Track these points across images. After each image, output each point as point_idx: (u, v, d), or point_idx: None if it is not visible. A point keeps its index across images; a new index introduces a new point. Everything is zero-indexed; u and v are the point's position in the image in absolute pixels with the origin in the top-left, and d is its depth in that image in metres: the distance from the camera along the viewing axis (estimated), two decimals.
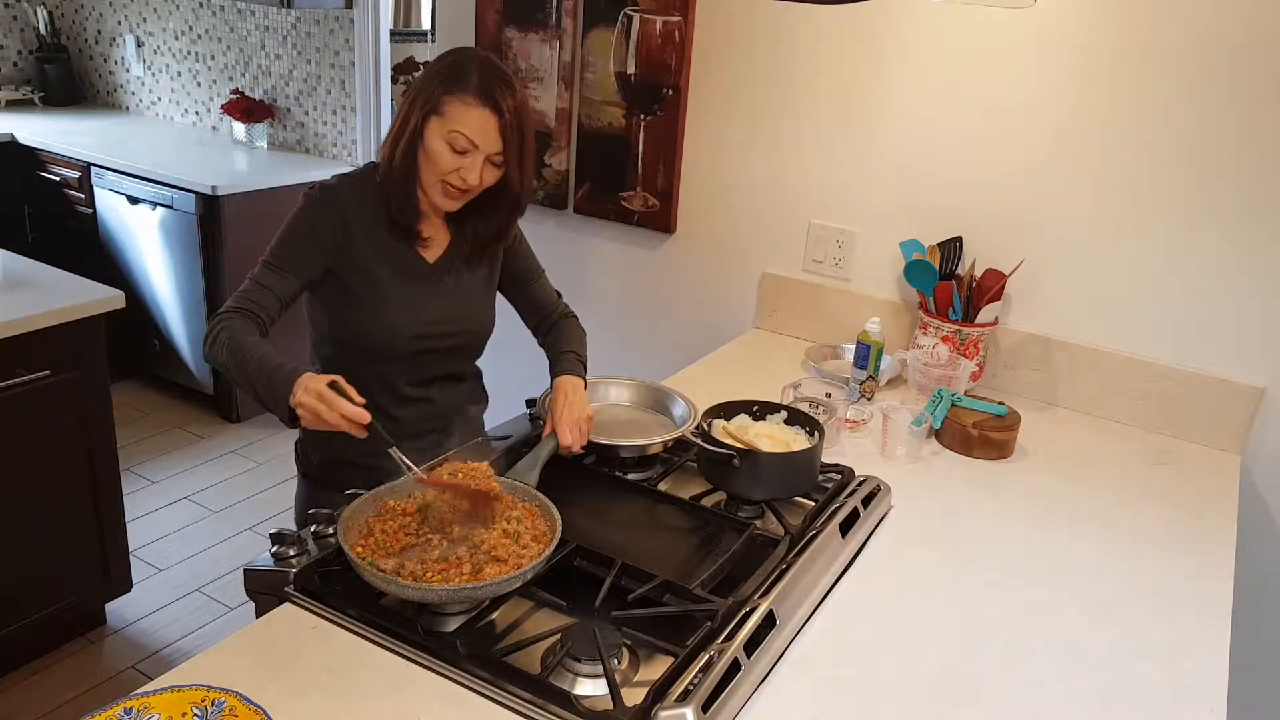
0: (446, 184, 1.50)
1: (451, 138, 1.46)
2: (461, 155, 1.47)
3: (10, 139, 3.90)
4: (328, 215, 1.52)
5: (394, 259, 1.56)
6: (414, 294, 1.57)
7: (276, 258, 1.51)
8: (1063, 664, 1.25)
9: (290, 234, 1.52)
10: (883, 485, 1.59)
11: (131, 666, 2.51)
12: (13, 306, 2.18)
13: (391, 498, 1.30)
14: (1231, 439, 1.94)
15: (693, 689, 1.04)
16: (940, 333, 2.04)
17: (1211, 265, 1.91)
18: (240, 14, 4.02)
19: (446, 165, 1.48)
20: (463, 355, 1.69)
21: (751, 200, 2.37)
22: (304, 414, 1.31)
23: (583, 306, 1.77)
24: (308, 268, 1.51)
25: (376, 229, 1.54)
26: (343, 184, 1.55)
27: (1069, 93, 1.94)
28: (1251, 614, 1.98)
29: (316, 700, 1.05)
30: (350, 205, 1.53)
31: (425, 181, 1.51)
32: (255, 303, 1.46)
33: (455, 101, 1.46)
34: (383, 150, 1.54)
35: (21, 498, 2.27)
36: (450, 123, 1.46)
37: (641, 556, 1.29)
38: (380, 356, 1.58)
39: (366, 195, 1.55)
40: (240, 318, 1.44)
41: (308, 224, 1.52)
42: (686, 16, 2.29)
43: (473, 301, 1.65)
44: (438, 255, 1.61)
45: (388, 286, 1.55)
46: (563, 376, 1.63)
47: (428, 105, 1.47)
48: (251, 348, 1.39)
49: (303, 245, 1.51)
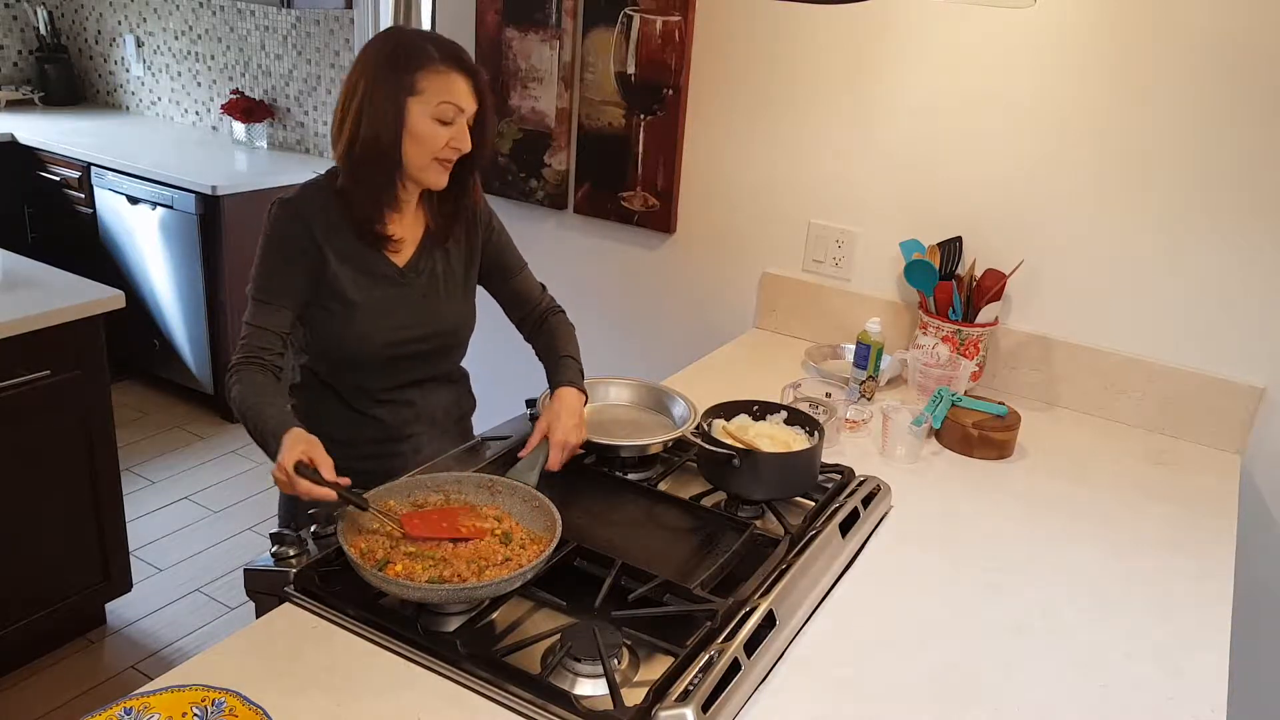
0: (439, 160, 1.48)
1: (440, 110, 1.43)
2: (449, 126, 1.45)
3: (10, 139, 3.90)
4: (296, 231, 1.48)
5: (363, 267, 1.52)
6: (385, 302, 1.54)
7: (262, 291, 1.48)
8: (1063, 664, 1.25)
9: (267, 261, 1.49)
10: (883, 485, 1.59)
11: (131, 666, 2.51)
12: (13, 306, 2.18)
13: (390, 497, 1.30)
14: (1231, 439, 1.94)
15: (693, 689, 1.04)
16: (940, 333, 2.04)
17: (1211, 265, 1.91)
18: (240, 14, 4.02)
19: (439, 141, 1.45)
20: (442, 357, 1.66)
21: (751, 200, 2.37)
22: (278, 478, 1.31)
23: (583, 306, 1.77)
24: (295, 291, 1.49)
25: (343, 235, 1.51)
26: (305, 194, 1.51)
27: (1069, 93, 1.94)
28: (1251, 614, 1.98)
29: (316, 700, 1.05)
30: (315, 214, 1.49)
31: (417, 168, 1.48)
32: (260, 348, 1.46)
33: (430, 75, 1.43)
34: (342, 157, 1.48)
35: (21, 498, 2.27)
36: (435, 96, 1.43)
37: (641, 556, 1.29)
38: (356, 365, 1.56)
39: (330, 202, 1.50)
40: (249, 370, 1.44)
41: (279, 248, 1.49)
42: (686, 16, 2.29)
43: (449, 300, 1.62)
44: (409, 256, 1.58)
45: (357, 297, 1.52)
46: (563, 388, 1.59)
47: (398, 91, 1.42)
48: (253, 409, 1.39)
49: (282, 272, 1.48)
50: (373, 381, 1.59)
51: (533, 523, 1.30)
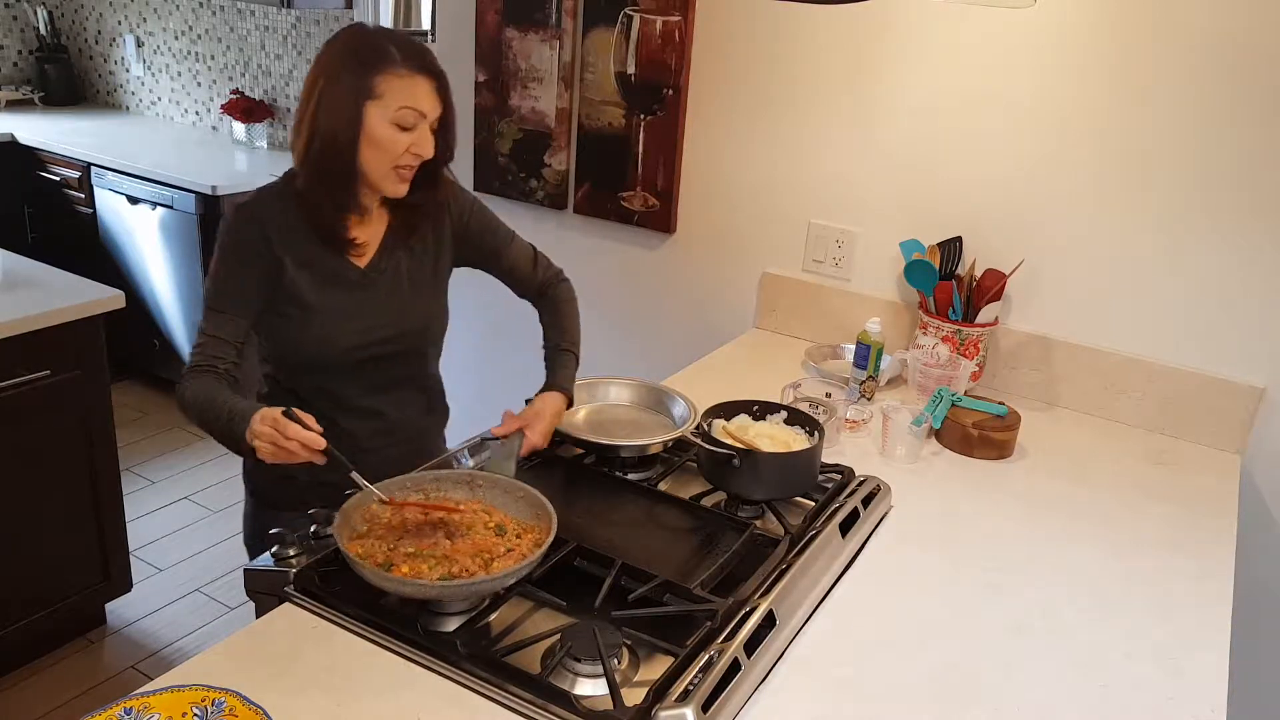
0: (400, 167, 1.42)
1: (400, 116, 1.38)
2: (410, 131, 1.40)
3: (10, 139, 3.90)
4: (250, 237, 1.44)
5: (323, 271, 1.48)
6: (345, 303, 1.50)
7: (216, 300, 1.44)
8: (1063, 664, 1.25)
9: (221, 269, 1.45)
10: (883, 485, 1.59)
11: (131, 666, 2.51)
12: (13, 306, 2.18)
13: (387, 493, 1.29)
14: (1231, 439, 1.94)
15: (693, 689, 1.04)
16: (940, 333, 2.04)
17: (1211, 265, 1.91)
18: (240, 14, 4.02)
19: (399, 148, 1.40)
20: (412, 359, 1.61)
21: (751, 200, 2.37)
22: (261, 446, 1.28)
23: (583, 307, 1.76)
24: (250, 300, 1.45)
25: (301, 240, 1.46)
26: (260, 199, 1.47)
27: (1069, 93, 1.94)
28: (1251, 614, 1.98)
29: (316, 700, 1.05)
30: (271, 220, 1.45)
31: (376, 174, 1.42)
32: (213, 357, 1.42)
33: (390, 78, 1.37)
34: (300, 159, 1.43)
35: (21, 498, 2.27)
36: (395, 101, 1.37)
37: (641, 556, 1.29)
38: (319, 370, 1.51)
39: (289, 207, 1.46)
40: (203, 375, 1.40)
41: (234, 254, 1.45)
42: (686, 16, 2.29)
43: (416, 298, 1.57)
44: (370, 256, 1.52)
45: (315, 301, 1.47)
46: (552, 392, 1.59)
47: (357, 94, 1.37)
48: (209, 401, 1.36)
49: (236, 279, 1.44)
50: (341, 388, 1.54)
51: (520, 512, 1.30)
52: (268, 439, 1.27)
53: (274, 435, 1.26)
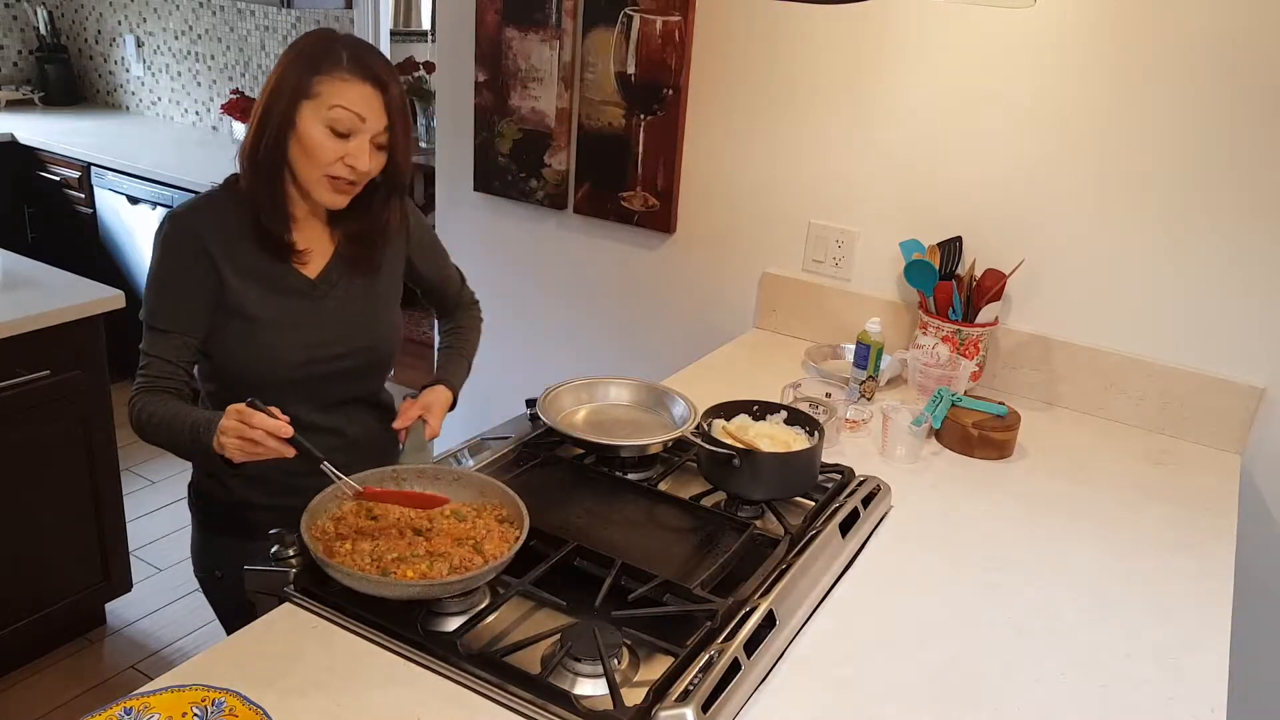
0: (333, 177, 1.35)
1: (332, 117, 1.32)
2: (345, 139, 1.33)
3: (10, 139, 3.90)
4: (186, 249, 1.37)
5: (267, 279, 1.41)
6: (294, 315, 1.43)
7: (155, 318, 1.38)
8: (1063, 664, 1.25)
9: (158, 286, 1.39)
10: (883, 485, 1.59)
11: (131, 666, 2.51)
12: (13, 306, 2.18)
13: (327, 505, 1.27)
14: (1231, 439, 1.94)
15: (693, 689, 1.04)
16: (940, 333, 2.04)
17: (1211, 265, 1.91)
18: (240, 14, 4.02)
19: (329, 154, 1.33)
20: (367, 375, 1.55)
21: (751, 200, 2.37)
22: (229, 443, 1.23)
23: (583, 306, 1.77)
24: (192, 316, 1.39)
25: (243, 248, 1.40)
26: (196, 207, 1.41)
27: (1069, 93, 1.94)
28: (1251, 614, 1.98)
29: (316, 700, 1.05)
30: (209, 229, 1.38)
31: (305, 180, 1.37)
32: (158, 377, 1.37)
33: (329, 80, 1.32)
34: (241, 157, 1.38)
35: (21, 498, 2.27)
36: (327, 100, 1.31)
37: (641, 556, 1.29)
38: (270, 386, 1.41)
39: (229, 214, 1.40)
40: (154, 395, 1.36)
41: (170, 269, 1.38)
42: (686, 16, 2.29)
43: (367, 315, 1.51)
44: (320, 268, 1.46)
45: (261, 313, 1.40)
46: (439, 386, 1.62)
47: (295, 93, 1.32)
48: (173, 417, 1.32)
49: (174, 295, 1.38)
50: (293, 405, 1.38)
51: (463, 495, 1.32)
52: (234, 432, 1.22)
53: (239, 427, 1.21)
